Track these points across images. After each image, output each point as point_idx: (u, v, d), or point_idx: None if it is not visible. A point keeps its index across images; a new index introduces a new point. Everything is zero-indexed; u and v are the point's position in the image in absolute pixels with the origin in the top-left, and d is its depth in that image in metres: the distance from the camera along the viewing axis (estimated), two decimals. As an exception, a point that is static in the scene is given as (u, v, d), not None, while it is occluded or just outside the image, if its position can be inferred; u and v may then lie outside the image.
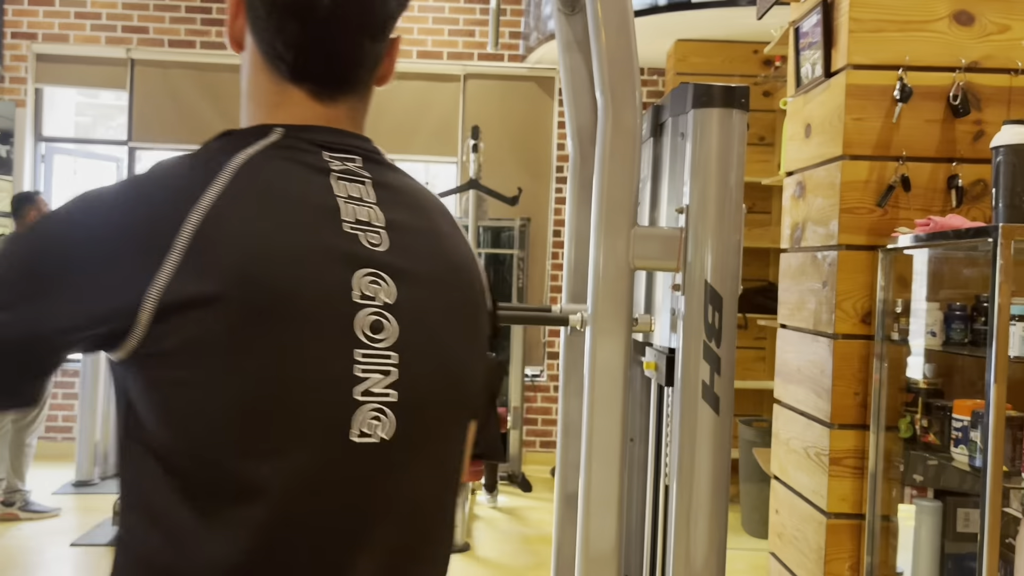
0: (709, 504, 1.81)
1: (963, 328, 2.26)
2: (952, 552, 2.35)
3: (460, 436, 0.97)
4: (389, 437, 0.86)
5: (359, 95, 0.94)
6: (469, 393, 0.97)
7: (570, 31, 2.45)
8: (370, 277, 0.86)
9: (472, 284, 0.97)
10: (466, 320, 0.95)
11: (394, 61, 0.99)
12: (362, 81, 0.94)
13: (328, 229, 0.85)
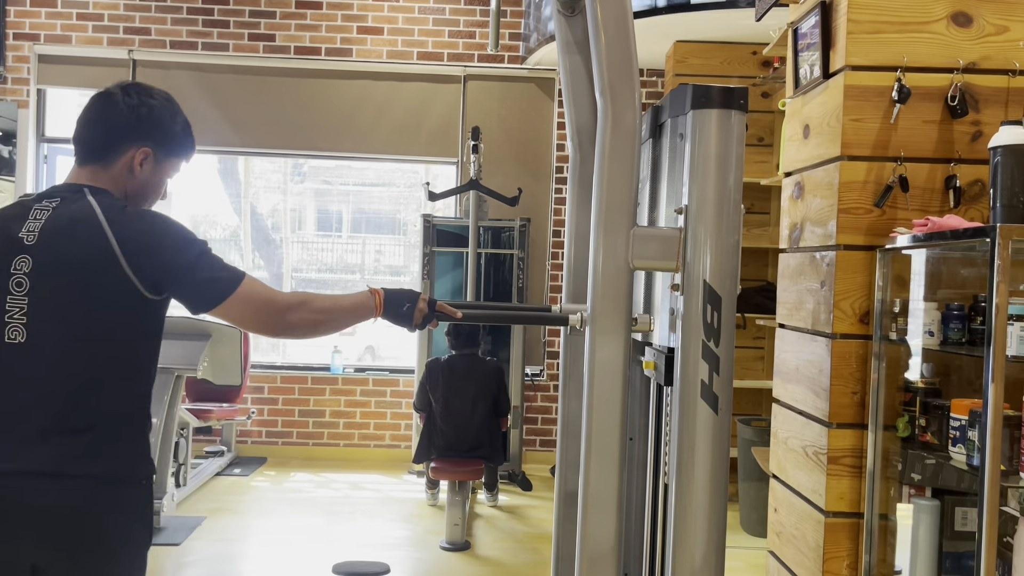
0: (708, 503, 1.82)
1: (961, 328, 2.27)
2: (950, 551, 2.35)
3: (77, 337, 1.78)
4: (24, 340, 1.75)
5: (99, 165, 1.96)
6: (79, 313, 1.78)
7: (570, 33, 2.46)
8: (21, 256, 1.78)
9: (92, 253, 1.78)
10: (82, 269, 1.77)
11: (137, 162, 1.95)
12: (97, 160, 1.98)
13: (12, 230, 1.79)
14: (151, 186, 1.99)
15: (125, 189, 1.94)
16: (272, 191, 8.75)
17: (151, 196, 2.01)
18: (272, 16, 6.04)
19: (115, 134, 1.93)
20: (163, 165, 1.98)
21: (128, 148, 1.92)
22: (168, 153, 1.98)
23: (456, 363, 4.57)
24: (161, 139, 1.95)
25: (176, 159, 2.01)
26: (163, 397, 4.43)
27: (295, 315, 1.91)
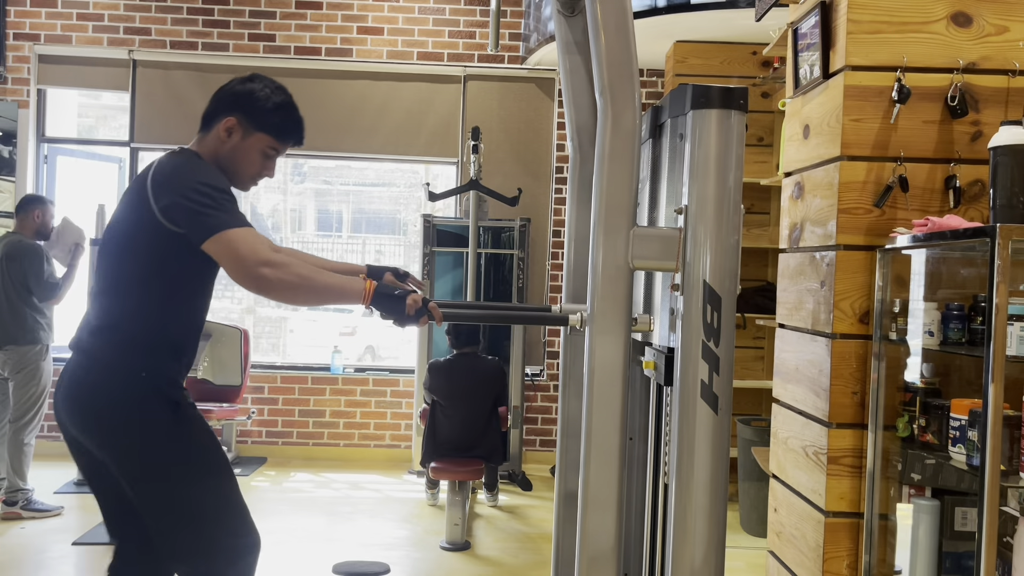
0: (708, 502, 1.82)
1: (961, 328, 2.27)
2: (950, 551, 2.36)
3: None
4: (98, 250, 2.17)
5: (202, 134, 2.24)
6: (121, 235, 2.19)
7: (570, 33, 2.46)
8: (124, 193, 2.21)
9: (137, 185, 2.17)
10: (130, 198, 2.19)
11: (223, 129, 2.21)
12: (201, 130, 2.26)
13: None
14: (239, 156, 2.21)
15: (216, 156, 2.21)
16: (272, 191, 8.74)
17: (240, 167, 2.23)
18: (272, 16, 6.04)
19: (214, 105, 2.23)
20: (251, 138, 2.21)
21: (219, 117, 2.20)
22: (255, 127, 2.20)
23: (457, 363, 4.57)
24: (250, 112, 2.20)
25: (264, 135, 2.21)
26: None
27: (271, 271, 1.99)
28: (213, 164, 2.18)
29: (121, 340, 2.16)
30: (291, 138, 2.29)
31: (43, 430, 5.94)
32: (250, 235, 2.03)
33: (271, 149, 2.23)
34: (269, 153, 2.23)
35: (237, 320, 7.83)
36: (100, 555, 3.94)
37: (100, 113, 8.19)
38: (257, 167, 2.24)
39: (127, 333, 2.16)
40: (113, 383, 2.13)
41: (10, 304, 4.58)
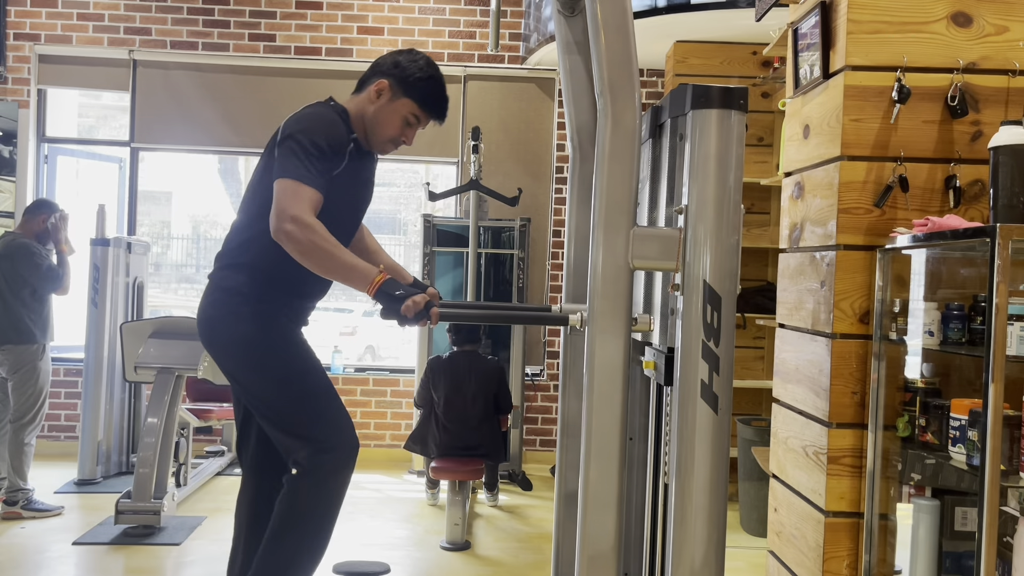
0: (708, 502, 1.82)
1: (961, 328, 2.27)
2: (950, 550, 2.36)
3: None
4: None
5: (355, 94, 2.49)
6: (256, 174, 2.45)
7: (570, 33, 2.46)
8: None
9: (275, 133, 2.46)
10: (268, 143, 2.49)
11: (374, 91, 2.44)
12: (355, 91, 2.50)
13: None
14: (383, 117, 2.42)
15: (363, 114, 2.42)
16: (272, 191, 8.73)
17: (382, 128, 2.44)
18: (272, 16, 6.04)
19: (371, 70, 2.46)
20: (397, 102, 2.40)
21: (373, 80, 2.43)
22: (404, 92, 2.40)
23: (457, 360, 4.57)
24: (401, 78, 2.39)
25: (410, 101, 2.41)
26: (163, 397, 4.43)
27: (294, 229, 2.18)
28: (357, 122, 2.42)
29: (240, 268, 2.43)
30: (434, 110, 2.48)
31: (44, 430, 5.95)
32: (300, 191, 2.21)
33: (413, 116, 2.41)
34: (411, 120, 2.41)
35: (237, 320, 7.83)
36: (100, 555, 3.95)
37: (100, 113, 8.20)
38: (397, 131, 2.42)
39: (247, 263, 2.43)
40: (215, 298, 2.45)
41: (4, 303, 4.57)
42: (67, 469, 5.43)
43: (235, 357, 2.47)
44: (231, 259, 2.49)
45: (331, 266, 2.20)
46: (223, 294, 2.47)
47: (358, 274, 2.17)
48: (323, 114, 2.38)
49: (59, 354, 6.10)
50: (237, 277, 2.45)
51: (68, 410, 5.97)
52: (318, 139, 2.29)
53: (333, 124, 2.36)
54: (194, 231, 8.99)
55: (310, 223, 2.18)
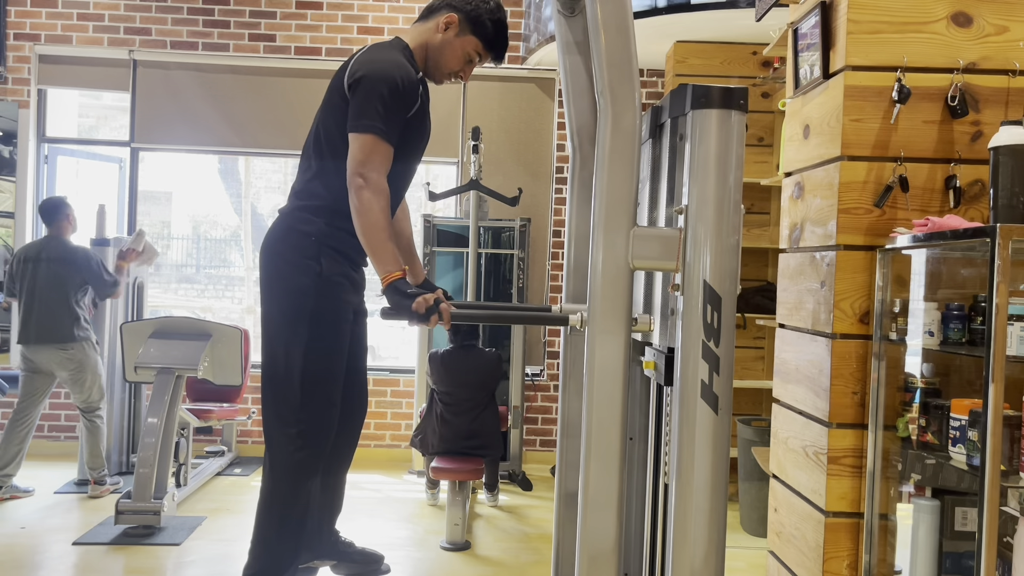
0: (708, 502, 1.82)
1: (961, 328, 2.27)
2: (950, 551, 2.36)
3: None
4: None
5: (419, 22, 2.51)
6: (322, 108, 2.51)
7: (570, 33, 2.46)
8: None
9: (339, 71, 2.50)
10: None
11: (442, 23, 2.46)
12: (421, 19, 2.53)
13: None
14: (447, 50, 2.44)
15: (426, 45, 2.44)
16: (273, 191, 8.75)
17: (444, 61, 2.46)
18: (272, 16, 6.04)
19: (440, 1, 2.46)
20: (463, 38, 2.42)
21: (442, 12, 2.44)
22: (471, 29, 2.41)
23: (456, 353, 4.59)
24: (471, 14, 2.41)
25: (476, 39, 2.43)
26: (163, 397, 4.43)
27: (363, 184, 2.26)
28: (420, 51, 2.44)
29: (303, 202, 2.49)
30: (495, 50, 2.52)
31: (43, 430, 5.95)
32: (377, 147, 2.28)
33: (476, 54, 2.44)
34: (472, 57, 2.44)
35: (237, 320, 7.83)
36: (100, 555, 3.94)
37: (100, 113, 8.20)
38: (458, 66, 2.45)
39: (310, 197, 2.49)
40: (287, 235, 2.49)
41: (67, 306, 4.79)
42: (67, 469, 5.43)
43: (279, 297, 2.51)
44: (304, 200, 2.53)
45: (372, 237, 2.25)
46: (297, 236, 2.50)
47: (386, 259, 2.23)
48: (395, 58, 2.39)
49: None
50: (315, 221, 2.48)
51: (68, 410, 5.97)
52: (394, 88, 2.32)
53: (405, 69, 2.36)
54: (194, 231, 8.99)
55: (381, 188, 2.25)
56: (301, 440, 2.48)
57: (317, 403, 2.49)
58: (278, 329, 2.52)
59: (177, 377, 4.53)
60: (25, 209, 5.93)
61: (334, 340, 2.52)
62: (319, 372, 2.51)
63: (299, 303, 2.48)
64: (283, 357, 2.49)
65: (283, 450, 2.49)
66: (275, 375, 2.52)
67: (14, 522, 4.39)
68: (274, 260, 2.54)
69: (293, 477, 2.49)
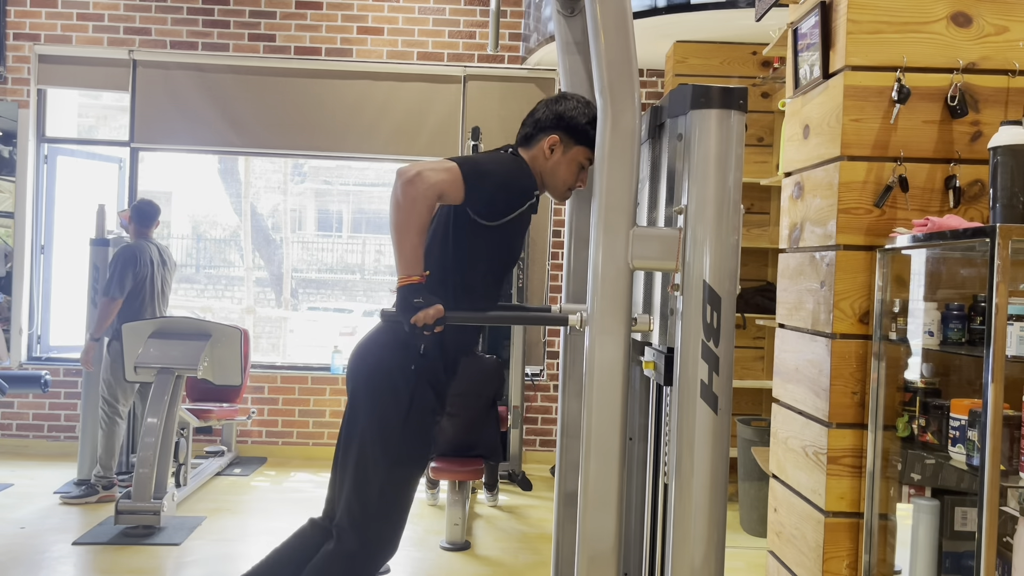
0: (708, 502, 1.83)
1: (961, 328, 2.27)
2: (950, 550, 2.36)
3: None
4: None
5: (524, 148, 2.45)
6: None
7: (570, 33, 2.46)
8: None
9: None
10: None
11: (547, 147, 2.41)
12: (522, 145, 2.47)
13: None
14: (560, 172, 2.41)
15: (540, 171, 2.41)
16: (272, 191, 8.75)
17: (559, 179, 2.43)
18: (272, 16, 6.04)
19: (532, 127, 2.43)
20: (570, 153, 2.39)
21: (541, 136, 2.40)
22: (575, 141, 2.38)
23: (456, 361, 4.57)
24: (570, 130, 2.37)
25: (582, 148, 2.39)
26: (163, 397, 4.43)
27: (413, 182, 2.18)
28: (536, 176, 2.40)
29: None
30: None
31: (43, 430, 5.96)
32: (453, 172, 2.23)
33: (587, 160, 2.40)
34: (584, 164, 2.41)
35: (237, 320, 7.83)
36: (100, 555, 3.95)
37: (100, 113, 8.20)
38: (575, 178, 2.42)
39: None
40: (388, 346, 2.42)
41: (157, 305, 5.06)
42: (67, 469, 5.42)
43: (371, 390, 2.44)
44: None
45: (403, 232, 2.19)
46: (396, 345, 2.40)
47: (409, 259, 2.19)
48: (516, 163, 2.39)
49: (59, 354, 6.11)
50: (419, 338, 2.35)
51: (68, 410, 5.97)
52: (509, 180, 2.32)
53: (524, 172, 2.37)
54: (194, 231, 8.99)
55: (430, 193, 2.18)
56: (372, 542, 2.52)
57: (397, 511, 2.57)
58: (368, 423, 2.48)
59: (177, 377, 4.53)
60: (25, 209, 5.93)
61: (423, 443, 2.55)
62: (404, 481, 2.60)
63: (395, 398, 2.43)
64: (372, 457, 2.49)
65: (350, 552, 2.48)
66: (360, 468, 2.51)
67: (14, 522, 4.39)
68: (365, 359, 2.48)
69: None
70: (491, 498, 5.02)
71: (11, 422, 5.98)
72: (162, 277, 5.04)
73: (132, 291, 4.86)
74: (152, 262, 4.97)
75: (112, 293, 4.80)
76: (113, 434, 4.88)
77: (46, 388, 4.84)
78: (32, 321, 6.04)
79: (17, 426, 5.98)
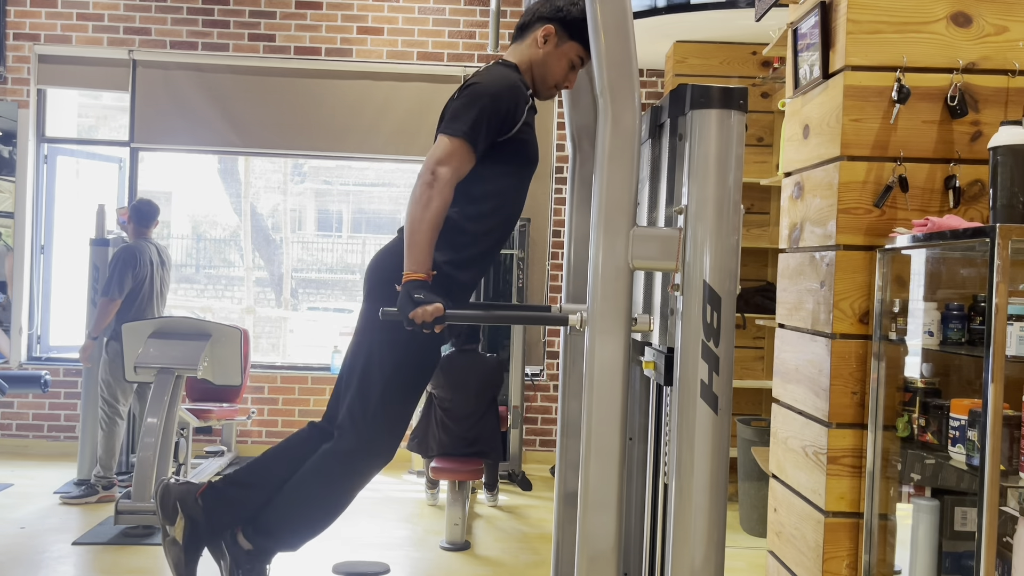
0: (708, 503, 1.82)
1: (960, 328, 2.27)
2: (950, 551, 2.36)
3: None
4: None
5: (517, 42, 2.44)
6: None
7: (570, 33, 2.45)
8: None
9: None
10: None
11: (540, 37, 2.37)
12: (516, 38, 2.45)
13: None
14: (551, 62, 2.37)
15: (530, 61, 2.38)
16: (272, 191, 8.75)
17: (549, 74, 2.39)
18: (272, 16, 6.04)
19: (530, 16, 2.40)
20: (564, 46, 2.35)
21: (536, 26, 2.37)
22: (569, 35, 2.34)
23: (456, 359, 4.57)
24: (565, 21, 2.33)
25: (576, 43, 2.36)
26: (163, 397, 4.43)
27: (429, 181, 2.21)
28: (525, 70, 2.38)
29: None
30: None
31: (43, 430, 5.96)
32: (461, 151, 2.22)
33: (579, 58, 2.37)
34: (575, 63, 2.38)
35: (237, 320, 7.83)
36: (100, 555, 3.95)
37: (100, 113, 8.20)
38: (562, 75, 2.39)
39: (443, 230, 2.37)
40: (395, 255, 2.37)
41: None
42: (67, 469, 5.42)
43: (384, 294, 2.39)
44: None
45: (417, 232, 2.20)
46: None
47: (419, 257, 2.19)
48: (506, 74, 2.34)
49: (59, 354, 6.11)
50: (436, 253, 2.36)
51: (68, 410, 5.97)
52: (497, 101, 2.27)
53: (514, 87, 2.32)
54: (194, 231, 8.99)
55: (445, 190, 2.19)
56: (373, 442, 2.45)
57: (398, 416, 2.49)
58: (378, 335, 2.46)
59: (177, 377, 4.54)
60: (24, 209, 5.93)
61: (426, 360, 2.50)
62: (405, 388, 2.50)
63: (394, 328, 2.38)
64: (376, 365, 2.46)
65: (351, 450, 2.45)
66: (364, 375, 2.48)
67: (14, 522, 4.39)
68: (381, 274, 2.47)
69: (355, 476, 2.45)
70: (491, 498, 5.02)
71: (11, 422, 5.98)
72: (161, 277, 5.04)
73: (131, 291, 4.86)
74: (151, 262, 4.97)
75: (111, 293, 4.80)
76: (113, 434, 4.87)
77: (46, 388, 4.83)
78: (32, 321, 6.04)
79: (17, 426, 5.98)
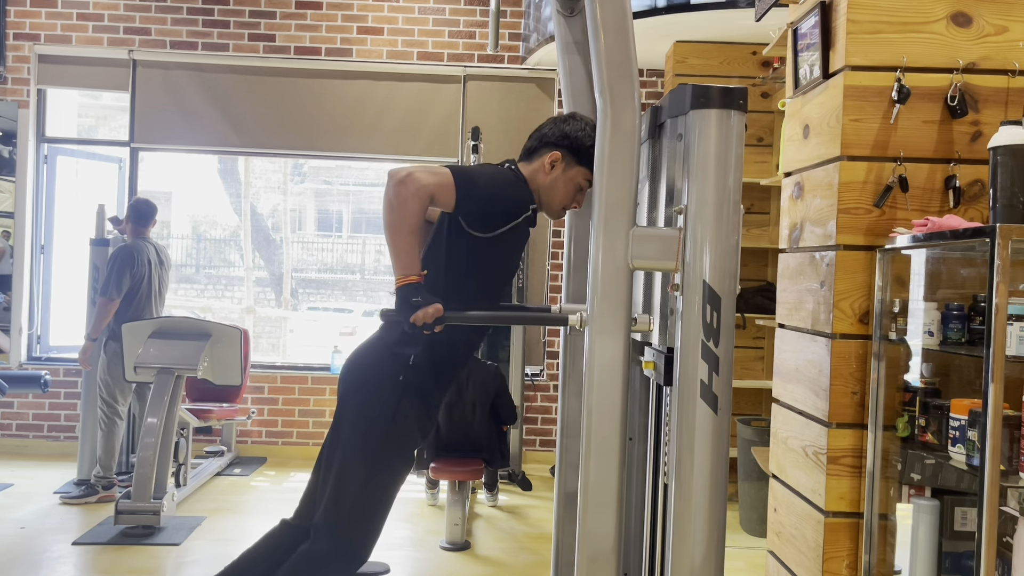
0: (708, 502, 1.83)
1: (960, 328, 2.27)
2: (950, 551, 2.36)
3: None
4: None
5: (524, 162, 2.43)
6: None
7: (569, 33, 2.46)
8: None
9: None
10: None
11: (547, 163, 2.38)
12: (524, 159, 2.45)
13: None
14: (558, 190, 2.40)
15: (538, 186, 2.40)
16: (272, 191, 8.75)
17: (556, 197, 2.41)
18: (272, 16, 6.04)
19: (537, 141, 2.41)
20: (572, 171, 2.37)
21: (543, 152, 2.39)
22: (577, 161, 2.36)
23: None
24: (573, 149, 2.35)
25: (583, 168, 2.37)
26: (163, 397, 4.43)
27: (403, 183, 2.18)
28: (534, 191, 2.38)
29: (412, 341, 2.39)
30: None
31: (43, 430, 5.96)
32: (445, 177, 2.22)
33: (587, 182, 2.39)
34: (583, 186, 2.40)
35: (237, 320, 7.83)
36: (100, 555, 3.95)
37: (100, 113, 8.20)
38: (570, 199, 2.41)
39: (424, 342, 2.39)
40: (380, 355, 2.44)
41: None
42: (67, 469, 5.42)
43: (358, 396, 2.46)
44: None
45: (396, 232, 2.18)
46: (386, 354, 2.42)
47: (407, 261, 2.18)
48: (510, 177, 2.36)
49: (59, 354, 6.11)
50: (409, 348, 2.39)
51: (68, 410, 5.97)
52: (500, 192, 2.30)
53: (519, 187, 2.35)
54: (194, 231, 8.99)
55: (421, 191, 2.17)
56: (348, 542, 2.45)
57: (375, 511, 2.48)
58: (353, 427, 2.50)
59: (177, 377, 4.53)
60: (24, 209, 5.93)
61: (406, 448, 2.51)
62: (385, 483, 2.50)
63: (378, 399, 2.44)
64: (351, 457, 2.48)
65: (324, 550, 2.44)
66: (339, 470, 2.51)
67: (14, 522, 4.39)
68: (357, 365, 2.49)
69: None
70: (491, 498, 5.02)
71: (11, 422, 5.98)
72: (159, 277, 5.04)
73: (130, 291, 4.85)
74: (149, 262, 4.96)
75: (109, 293, 4.79)
76: (112, 434, 4.87)
77: (46, 388, 4.82)
78: (32, 321, 6.04)
79: (17, 426, 5.98)
